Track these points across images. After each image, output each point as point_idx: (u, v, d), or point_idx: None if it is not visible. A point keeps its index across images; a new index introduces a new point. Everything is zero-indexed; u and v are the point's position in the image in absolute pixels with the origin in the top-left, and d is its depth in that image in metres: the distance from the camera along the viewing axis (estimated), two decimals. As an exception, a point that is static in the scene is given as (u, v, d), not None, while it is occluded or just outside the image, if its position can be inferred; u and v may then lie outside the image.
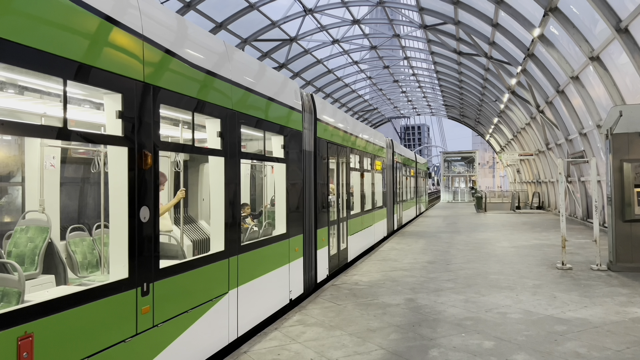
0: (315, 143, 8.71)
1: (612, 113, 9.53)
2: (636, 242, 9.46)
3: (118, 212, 3.92)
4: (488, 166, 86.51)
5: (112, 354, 3.62)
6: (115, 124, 3.82)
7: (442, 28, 23.12)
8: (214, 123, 5.28)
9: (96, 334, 3.50)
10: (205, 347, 4.95)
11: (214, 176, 5.48)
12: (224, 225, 5.39)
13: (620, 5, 11.07)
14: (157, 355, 4.16)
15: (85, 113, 4.83)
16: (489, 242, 14.54)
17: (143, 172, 4.03)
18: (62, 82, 3.29)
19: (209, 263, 5.05)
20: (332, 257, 9.78)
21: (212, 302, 5.08)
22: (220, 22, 20.68)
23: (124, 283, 3.81)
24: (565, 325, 6.10)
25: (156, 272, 4.19)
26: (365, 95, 43.12)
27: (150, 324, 4.09)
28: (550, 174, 27.03)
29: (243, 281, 5.76)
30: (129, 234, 3.89)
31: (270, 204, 8.32)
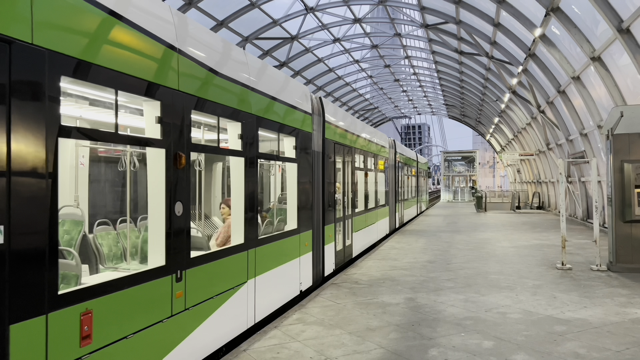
0: (324, 144, 9.16)
1: (613, 113, 9.53)
2: (636, 243, 9.46)
3: (156, 207, 4.37)
4: (488, 166, 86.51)
5: (151, 333, 4.08)
6: (154, 128, 4.28)
7: (443, 27, 23.10)
8: (236, 126, 5.75)
9: (139, 314, 3.96)
10: (227, 331, 5.42)
11: (235, 175, 5.91)
12: (243, 220, 5.82)
13: (621, 5, 11.05)
14: (187, 336, 4.62)
15: (123, 117, 5.18)
16: (489, 241, 14.54)
17: (178, 171, 4.50)
18: (114, 92, 3.77)
19: (231, 254, 5.53)
20: (338, 253, 10.19)
21: (233, 290, 5.56)
22: (222, 20, 20.66)
23: (161, 270, 4.26)
24: (564, 326, 6.10)
25: (188, 261, 4.64)
26: (366, 94, 43.10)
27: (183, 307, 4.55)
28: (551, 174, 27.03)
29: (259, 272, 6.24)
30: (165, 226, 4.35)
31: (277, 201, 8.65)
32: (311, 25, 25.10)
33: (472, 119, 49.06)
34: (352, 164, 11.56)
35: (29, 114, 3.03)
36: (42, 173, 3.10)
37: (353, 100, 41.67)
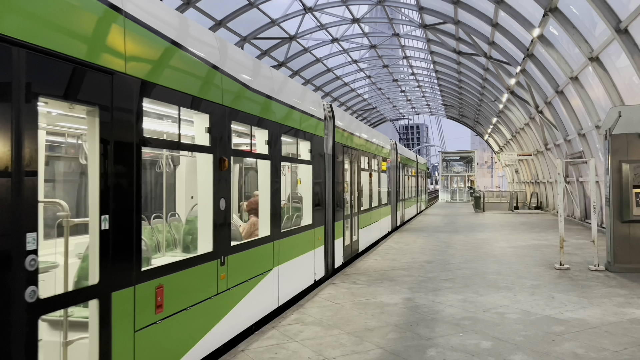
0: (334, 147, 10.00)
1: (611, 114, 9.53)
2: (634, 242, 9.47)
3: (205, 203, 5.17)
4: (486, 166, 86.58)
5: (203, 307, 4.92)
6: (204, 137, 5.08)
7: (441, 27, 23.11)
8: (263, 133, 6.61)
9: (195, 291, 4.79)
10: (257, 311, 6.29)
11: (262, 176, 6.81)
12: (270, 215, 6.66)
13: (620, 6, 11.06)
14: (228, 312, 5.48)
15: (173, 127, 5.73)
16: (487, 242, 14.55)
17: (222, 173, 5.30)
18: (177, 108, 4.63)
19: (261, 244, 6.40)
20: (346, 247, 11.03)
21: (262, 275, 6.44)
22: (220, 20, 20.64)
23: (210, 255, 5.08)
24: (563, 326, 6.10)
25: (229, 249, 5.47)
26: (364, 95, 43.09)
27: (225, 287, 5.40)
28: (549, 174, 27.06)
29: (282, 261, 7.12)
30: (212, 218, 5.13)
31: (287, 200, 9.27)
32: (310, 25, 25.09)
33: (470, 119, 49.10)
34: (358, 165, 12.39)
35: (124, 129, 3.82)
36: (132, 175, 3.89)
37: (351, 100, 41.66)
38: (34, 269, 3.00)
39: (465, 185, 49.77)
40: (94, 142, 3.61)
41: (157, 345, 4.26)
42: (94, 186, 3.62)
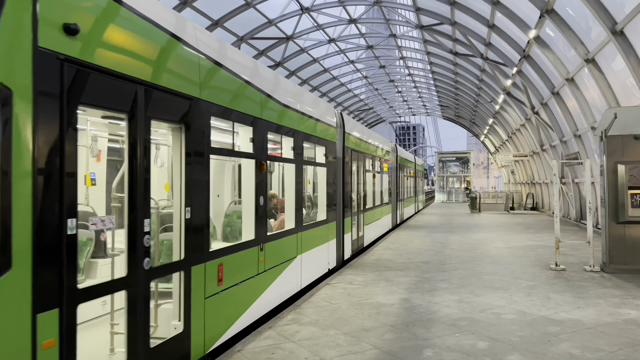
0: (344, 151, 11.10)
1: (607, 115, 9.57)
2: (629, 243, 9.50)
3: (248, 199, 6.33)
4: (482, 167, 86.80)
5: (249, 284, 6.09)
6: (248, 145, 6.22)
7: (438, 28, 23.14)
8: (289, 140, 7.67)
9: (243, 270, 5.94)
10: (286, 291, 7.46)
11: (288, 177, 8.07)
12: (294, 211, 7.80)
13: (615, 7, 11.11)
14: (265, 290, 6.62)
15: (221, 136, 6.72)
16: (483, 242, 14.58)
17: (261, 174, 6.39)
18: (232, 124, 5.82)
19: (288, 235, 7.54)
20: (354, 242, 12.17)
21: (289, 261, 7.57)
22: (217, 20, 20.61)
23: (253, 242, 6.20)
24: (558, 326, 6.12)
25: (265, 237, 6.58)
26: (360, 95, 43.11)
27: (263, 269, 6.54)
28: (545, 175, 27.14)
29: (304, 250, 8.25)
30: (254, 211, 6.24)
31: (307, 198, 10.16)
32: (306, 25, 25.09)
33: (466, 120, 49.20)
34: (364, 167, 13.58)
35: (200, 142, 4.96)
36: (204, 176, 5.05)
37: (348, 101, 41.66)
38: (148, 245, 4.10)
39: (462, 186, 49.86)
40: (178, 151, 4.70)
41: (219, 311, 5.37)
42: (179, 184, 4.68)
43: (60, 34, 3.27)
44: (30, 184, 3.03)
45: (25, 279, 2.99)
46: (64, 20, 3.29)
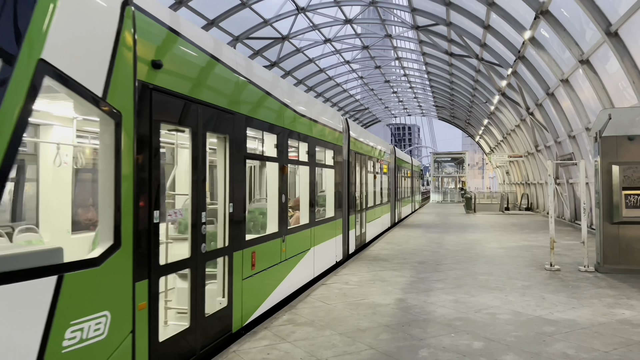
0: (349, 154, 12.11)
1: (601, 116, 9.61)
2: (623, 244, 9.55)
3: (273, 197, 7.35)
4: (477, 167, 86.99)
5: (274, 270, 7.13)
6: (273, 150, 7.22)
7: (433, 29, 23.19)
8: (305, 145, 8.74)
9: (269, 258, 6.97)
10: (302, 278, 8.55)
11: (302, 178, 9.12)
12: (308, 207, 8.97)
13: (610, 9, 11.17)
14: (286, 276, 7.68)
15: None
16: (478, 242, 14.62)
17: (283, 176, 7.42)
18: (261, 132, 6.96)
19: (303, 229, 8.63)
20: (357, 237, 13.20)
21: (305, 252, 8.64)
22: (212, 20, 20.56)
23: (277, 234, 7.26)
24: (553, 326, 6.14)
25: (286, 231, 7.62)
26: (356, 95, 43.12)
27: (285, 258, 7.60)
28: (539, 176, 27.25)
29: (316, 243, 9.31)
30: (277, 208, 7.30)
31: (318, 196, 11.25)
32: (302, 25, 25.08)
33: (461, 121, 49.32)
34: (366, 168, 14.57)
35: (239, 148, 5.96)
36: (242, 177, 6.06)
37: (344, 101, 41.67)
38: (204, 233, 5.08)
39: (457, 186, 49.94)
40: (223, 157, 5.71)
41: (252, 291, 6.36)
42: (223, 184, 5.70)
43: (150, 68, 4.24)
44: (132, 183, 3.94)
45: (129, 256, 3.92)
46: (152, 57, 4.27)
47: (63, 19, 3.38)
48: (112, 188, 3.81)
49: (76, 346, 3.45)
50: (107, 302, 3.73)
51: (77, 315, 3.47)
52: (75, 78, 3.47)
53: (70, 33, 3.46)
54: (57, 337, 3.30)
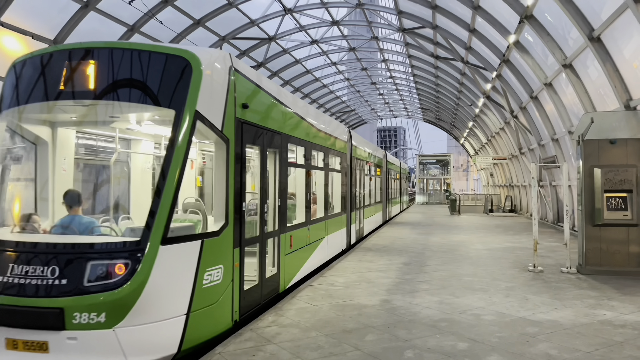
0: (351, 159, 14.20)
1: (584, 120, 9.75)
2: (605, 246, 9.70)
3: (301, 195, 9.41)
4: (462, 169, 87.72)
5: (302, 251, 9.10)
6: (302, 159, 9.26)
7: (420, 32, 23.33)
8: (321, 154, 10.90)
9: (299, 242, 8.88)
10: (319, 259, 10.53)
11: (319, 180, 11.03)
12: (323, 204, 11.08)
13: (593, 14, 11.34)
14: (309, 257, 9.69)
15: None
16: (462, 244, 14.73)
17: (308, 179, 9.57)
18: (295, 146, 8.90)
19: (320, 221, 10.68)
20: (357, 231, 15.32)
21: (321, 239, 10.71)
22: (198, 19, 20.44)
23: (303, 224, 9.28)
24: (536, 327, 6.21)
25: (310, 221, 9.70)
26: (343, 97, 43.21)
27: (309, 242, 9.64)
28: (523, 178, 27.55)
29: (328, 234, 11.41)
30: (305, 204, 9.38)
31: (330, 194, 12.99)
32: (289, 26, 25.05)
33: (446, 123, 49.68)
34: (364, 172, 16.64)
35: (283, 159, 7.85)
36: (285, 180, 7.97)
37: (330, 102, 41.70)
38: (266, 219, 7.11)
39: (442, 188, 50.25)
40: (273, 165, 7.60)
41: (289, 265, 8.35)
42: (273, 185, 7.57)
43: (241, 109, 6.31)
44: (233, 184, 6.03)
45: (231, 231, 5.98)
46: (243, 101, 6.36)
47: (204, 82, 5.47)
48: (224, 187, 5.91)
49: (208, 285, 5.50)
50: (221, 259, 5.80)
51: (209, 265, 5.54)
52: (209, 118, 5.57)
53: (207, 89, 5.52)
54: (200, 278, 5.38)
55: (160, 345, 5.00)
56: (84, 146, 7.70)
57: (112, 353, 4.72)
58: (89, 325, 4.66)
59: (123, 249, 4.96)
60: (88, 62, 5.35)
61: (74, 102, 5.53)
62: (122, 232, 5.77)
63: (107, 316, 4.69)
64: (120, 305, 4.72)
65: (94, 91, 5.35)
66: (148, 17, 18.00)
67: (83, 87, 5.36)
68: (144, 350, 4.87)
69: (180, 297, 5.15)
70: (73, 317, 4.64)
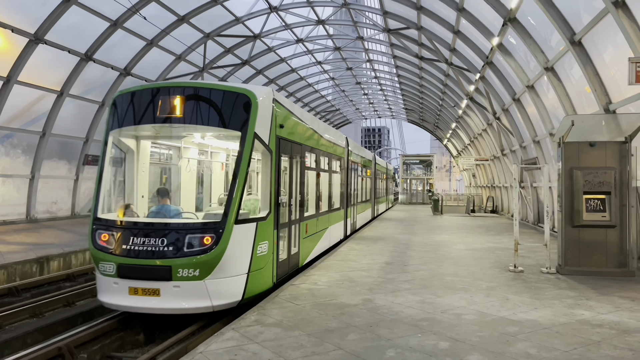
0: (347, 162, 16.51)
1: (565, 122, 9.89)
2: (583, 246, 9.85)
3: (312, 192, 11.61)
4: (445, 170, 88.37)
5: (313, 236, 11.33)
6: (314, 163, 11.58)
7: (405, 32, 23.45)
8: (327, 159, 12.97)
9: (311, 229, 11.24)
10: (324, 245, 12.56)
11: (324, 180, 12.73)
12: (327, 200, 13.04)
13: (575, 18, 11.51)
14: (318, 242, 11.85)
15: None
16: (444, 244, 14.84)
17: (318, 179, 11.94)
18: (309, 154, 11.28)
19: (325, 214, 12.71)
20: (351, 224, 17.64)
21: (325, 229, 12.71)
22: (183, 16, 20.27)
23: (315, 215, 11.61)
24: (516, 327, 6.29)
25: (319, 214, 12.01)
26: (327, 96, 43.21)
27: (317, 230, 11.80)
28: (505, 179, 27.86)
29: (330, 225, 13.48)
30: (315, 199, 11.64)
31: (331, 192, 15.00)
32: (274, 24, 24.99)
33: (430, 124, 50.00)
34: (357, 173, 18.94)
35: (302, 163, 10.42)
36: (304, 179, 10.58)
37: (315, 102, 41.68)
38: (292, 210, 9.53)
39: (424, 188, 50.59)
40: (297, 169, 9.81)
41: (306, 246, 10.60)
42: (297, 183, 9.74)
43: (279, 128, 8.45)
44: (274, 184, 8.18)
45: (272, 217, 8.11)
46: (280, 123, 8.51)
47: (259, 112, 7.77)
48: (269, 185, 8.18)
49: (260, 254, 7.79)
50: (267, 237, 8.04)
51: (261, 240, 7.77)
52: (261, 137, 7.86)
53: (260, 117, 7.79)
54: (255, 248, 7.66)
55: (232, 293, 7.38)
56: (165, 155, 10.71)
57: (202, 297, 7.06)
58: (188, 278, 6.97)
59: (210, 227, 7.25)
60: (176, 96, 7.67)
61: (169, 125, 8.05)
62: (201, 217, 8.20)
63: (199, 272, 7.01)
64: (208, 265, 7.05)
65: (183, 118, 7.74)
66: (132, 12, 17.78)
67: (174, 114, 7.69)
68: (222, 296, 7.24)
69: (244, 260, 7.51)
70: (177, 272, 6.93)
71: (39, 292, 10.35)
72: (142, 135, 8.62)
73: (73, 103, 19.76)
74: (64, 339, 6.74)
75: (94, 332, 7.04)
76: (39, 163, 19.04)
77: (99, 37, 18.49)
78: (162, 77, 23.36)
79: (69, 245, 13.44)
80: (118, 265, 7.06)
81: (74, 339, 6.72)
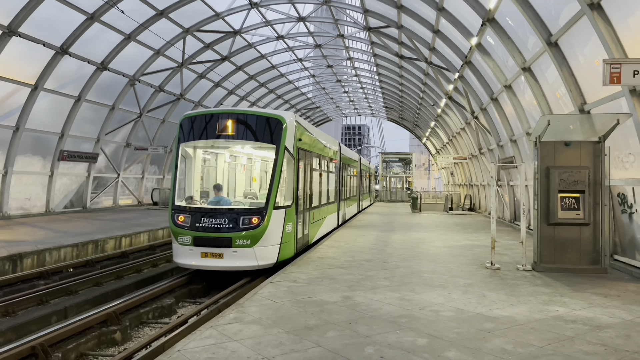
0: (340, 163, 19.52)
1: (541, 122, 10.05)
2: (558, 244, 10.04)
3: (316, 187, 14.35)
4: (424, 168, 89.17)
5: (316, 223, 14.34)
6: (317, 165, 14.33)
7: (385, 31, 23.54)
8: (326, 161, 15.53)
9: (316, 217, 14.27)
10: (323, 231, 15.46)
11: (323, 178, 15.15)
12: (326, 194, 15.73)
13: (551, 20, 11.70)
14: (320, 228, 15.00)
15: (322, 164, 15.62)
16: (423, 241, 14.96)
17: (320, 178, 14.91)
18: (314, 158, 14.13)
19: (324, 206, 15.54)
20: (342, 216, 20.43)
21: (325, 217, 15.73)
22: (162, 10, 20.00)
23: (319, 205, 14.69)
24: (493, 323, 6.38)
25: (320, 205, 14.89)
26: (308, 93, 43.13)
27: (319, 218, 14.81)
28: (482, 178, 28.21)
29: (328, 214, 16.31)
30: (318, 193, 14.68)
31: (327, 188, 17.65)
32: (255, 20, 24.84)
33: (409, 122, 50.33)
34: (347, 172, 22.09)
35: (311, 166, 13.56)
36: (312, 179, 13.67)
37: (296, 99, 41.57)
38: (305, 201, 12.84)
39: (404, 186, 50.90)
40: (308, 170, 13.13)
41: (313, 229, 13.64)
42: (307, 180, 12.80)
43: (298, 141, 11.60)
44: (295, 181, 11.34)
45: (294, 205, 11.35)
46: (299, 137, 11.70)
47: (287, 131, 10.90)
48: (292, 183, 11.06)
49: (287, 231, 10.93)
50: (291, 220, 11.09)
51: (288, 222, 10.92)
52: (289, 148, 10.93)
53: (288, 134, 10.88)
54: (285, 227, 10.83)
55: (270, 257, 10.45)
56: (218, 161, 13.91)
57: (252, 259, 10.14)
58: (243, 245, 10.07)
59: (257, 211, 10.40)
60: (230, 119, 10.80)
61: (223, 140, 11.18)
62: (247, 205, 11.31)
63: (250, 241, 10.14)
64: (256, 237, 10.16)
65: (235, 135, 10.89)
66: (109, 5, 17.46)
67: (228, 133, 10.80)
68: (264, 259, 10.32)
69: (278, 235, 10.57)
70: (236, 241, 10.04)
71: (11, 290, 10.13)
72: (205, 147, 11.97)
73: (48, 97, 19.35)
74: (38, 337, 6.61)
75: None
76: (12, 158, 18.61)
77: (75, 31, 18.14)
78: (140, 72, 23.02)
79: (43, 242, 13.17)
80: (193, 237, 10.10)
81: (47, 338, 6.60)
